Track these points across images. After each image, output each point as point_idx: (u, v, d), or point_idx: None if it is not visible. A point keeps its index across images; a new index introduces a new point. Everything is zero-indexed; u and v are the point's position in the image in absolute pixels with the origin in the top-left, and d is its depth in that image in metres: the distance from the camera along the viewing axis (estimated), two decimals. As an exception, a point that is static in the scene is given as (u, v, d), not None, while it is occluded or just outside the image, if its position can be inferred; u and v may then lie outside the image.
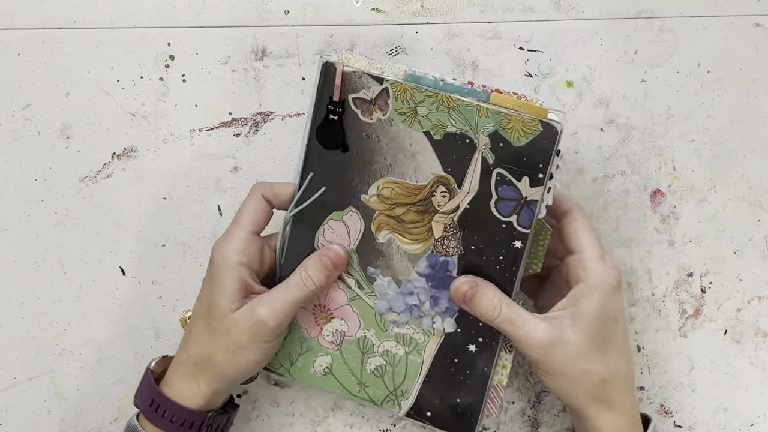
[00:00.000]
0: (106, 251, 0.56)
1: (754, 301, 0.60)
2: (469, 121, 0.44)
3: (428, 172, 0.45)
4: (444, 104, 0.44)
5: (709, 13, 0.57)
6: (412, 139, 0.45)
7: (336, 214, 0.47)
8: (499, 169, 0.44)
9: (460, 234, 0.46)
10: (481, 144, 0.44)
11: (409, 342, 0.49)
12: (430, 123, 0.44)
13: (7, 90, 0.54)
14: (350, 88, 0.45)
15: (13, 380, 0.56)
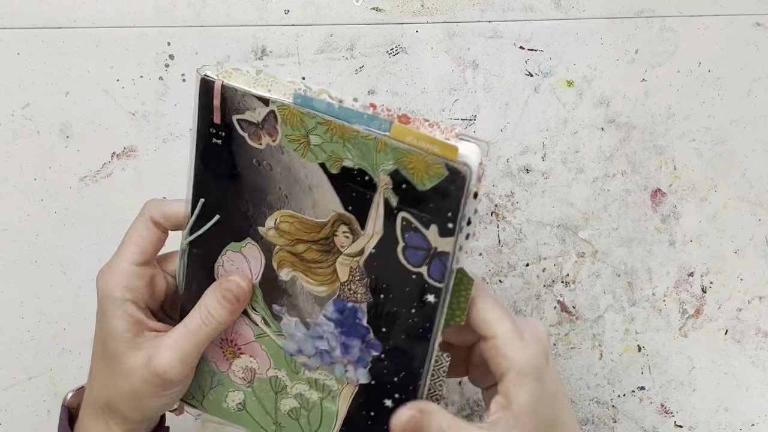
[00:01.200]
0: (106, 251, 0.56)
1: (754, 301, 0.60)
2: (366, 156, 0.37)
3: (328, 208, 0.39)
4: (337, 134, 0.37)
5: (709, 13, 0.57)
6: (306, 170, 0.38)
7: (234, 245, 0.42)
8: (404, 213, 0.37)
9: (367, 280, 0.40)
10: (382, 184, 0.37)
11: (322, 388, 0.44)
12: (324, 154, 0.37)
13: (7, 89, 0.54)
14: (234, 108, 0.38)
15: (13, 380, 0.56)
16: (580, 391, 0.59)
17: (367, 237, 0.39)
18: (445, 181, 0.36)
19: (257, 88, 0.38)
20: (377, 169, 0.37)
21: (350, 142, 0.37)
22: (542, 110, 0.57)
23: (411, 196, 0.37)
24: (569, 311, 0.59)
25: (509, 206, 0.57)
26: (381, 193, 0.38)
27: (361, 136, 0.36)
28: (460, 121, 0.57)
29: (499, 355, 0.38)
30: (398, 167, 0.36)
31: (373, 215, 0.38)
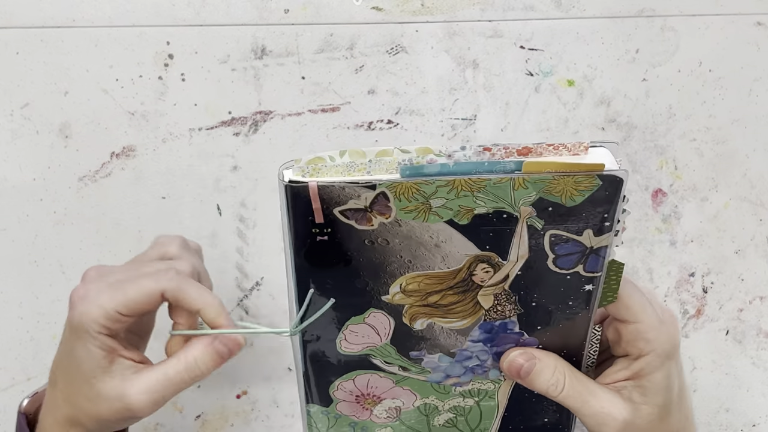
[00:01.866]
0: (106, 251, 0.56)
1: (756, 301, 0.60)
2: (502, 198, 0.35)
3: (461, 255, 0.37)
4: (465, 189, 0.34)
5: (710, 12, 0.57)
6: (431, 231, 0.36)
7: (355, 318, 0.39)
8: (552, 231, 0.36)
9: (515, 297, 0.39)
10: (524, 215, 0.36)
11: (478, 393, 0.43)
12: (450, 211, 0.35)
13: (6, 89, 0.54)
14: (334, 202, 0.35)
15: (12, 380, 0.56)
16: (580, 391, 0.59)
17: (511, 264, 0.37)
18: (599, 190, 0.35)
19: (354, 174, 0.34)
20: (517, 205, 0.35)
21: (481, 192, 0.34)
22: (543, 110, 0.57)
23: (558, 214, 0.36)
24: (570, 311, 0.59)
25: (510, 206, 0.57)
26: (524, 222, 0.36)
27: (493, 183, 0.34)
28: (461, 121, 0.57)
29: (639, 338, 0.39)
30: (541, 195, 0.35)
31: (516, 243, 0.37)
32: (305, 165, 0.34)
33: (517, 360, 0.40)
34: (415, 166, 0.34)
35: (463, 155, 0.34)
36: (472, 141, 0.34)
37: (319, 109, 0.55)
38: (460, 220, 0.35)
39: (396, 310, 0.39)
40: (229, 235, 0.56)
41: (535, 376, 0.40)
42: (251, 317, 0.57)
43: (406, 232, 0.36)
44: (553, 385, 0.40)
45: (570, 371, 0.40)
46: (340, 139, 0.56)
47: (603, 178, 0.34)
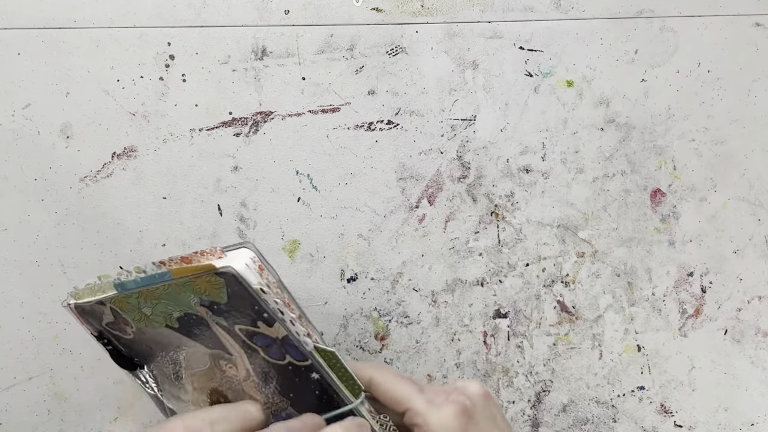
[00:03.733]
0: (107, 251, 0.56)
1: (754, 301, 0.60)
2: (179, 301, 0.41)
3: (201, 355, 0.43)
4: (152, 297, 0.41)
5: (709, 13, 0.57)
6: (164, 336, 0.43)
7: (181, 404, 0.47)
8: (238, 326, 0.40)
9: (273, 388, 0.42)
10: (205, 314, 0.41)
11: None
12: (160, 317, 0.42)
13: (7, 89, 0.54)
14: (98, 318, 0.44)
15: (13, 380, 0.56)
16: (579, 391, 0.59)
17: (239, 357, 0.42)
18: (229, 286, 0.39)
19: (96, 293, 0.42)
20: (193, 306, 0.41)
21: (163, 298, 0.41)
22: (542, 110, 0.57)
23: (225, 311, 0.40)
24: (569, 311, 0.59)
25: (509, 206, 0.57)
26: (211, 321, 0.41)
27: (164, 290, 0.40)
28: (461, 121, 0.57)
29: (413, 422, 0.40)
30: (199, 296, 0.40)
31: (223, 341, 0.42)
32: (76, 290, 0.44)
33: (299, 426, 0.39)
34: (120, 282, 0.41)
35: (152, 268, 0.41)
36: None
37: (319, 110, 0.56)
38: (172, 324, 0.42)
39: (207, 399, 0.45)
40: (229, 235, 0.56)
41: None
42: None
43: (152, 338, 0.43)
44: None
45: None
46: (341, 139, 0.56)
47: (221, 275, 0.39)
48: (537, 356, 0.58)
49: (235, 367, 0.42)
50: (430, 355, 0.58)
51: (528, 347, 0.58)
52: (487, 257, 0.58)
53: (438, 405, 0.40)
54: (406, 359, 0.58)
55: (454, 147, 0.57)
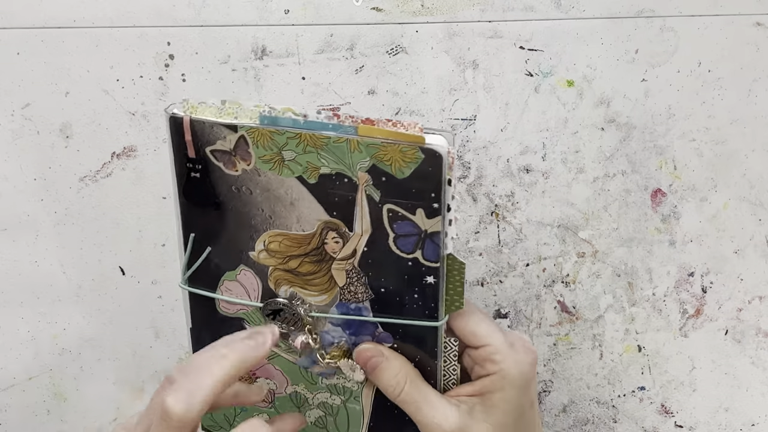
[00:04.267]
0: (106, 251, 0.56)
1: (755, 301, 0.60)
2: (342, 159, 0.38)
3: (312, 219, 0.40)
4: (310, 144, 0.38)
5: (709, 13, 0.57)
6: (285, 186, 0.39)
7: (229, 274, 0.42)
8: (389, 205, 0.39)
9: (365, 278, 0.41)
10: (362, 181, 0.38)
11: (343, 391, 0.45)
12: (300, 167, 0.39)
13: (7, 89, 0.54)
14: (206, 141, 0.39)
15: (13, 380, 0.56)
16: (580, 391, 0.59)
17: (357, 237, 0.40)
18: (423, 164, 0.37)
19: (224, 117, 0.39)
20: (354, 169, 0.38)
21: (323, 150, 0.38)
22: (542, 110, 0.57)
23: (392, 186, 0.38)
24: (569, 311, 0.59)
25: (509, 206, 0.57)
26: (362, 191, 0.38)
27: (333, 141, 0.37)
28: (461, 121, 0.57)
29: (488, 359, 0.40)
30: (374, 162, 0.38)
31: (358, 214, 0.39)
32: (187, 103, 0.40)
33: (365, 353, 0.41)
34: (272, 117, 0.38)
35: (316, 117, 0.38)
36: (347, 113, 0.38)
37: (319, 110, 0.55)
38: (309, 177, 0.39)
39: (262, 271, 0.41)
40: (229, 235, 0.56)
41: (379, 373, 0.41)
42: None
43: (265, 184, 0.39)
44: (392, 386, 0.41)
45: (413, 377, 0.41)
46: (341, 139, 0.56)
47: (424, 152, 0.37)
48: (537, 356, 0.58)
49: (344, 243, 0.40)
50: (430, 356, 0.58)
51: (528, 347, 0.58)
52: (487, 257, 0.58)
53: (516, 350, 0.41)
54: (406, 359, 0.58)
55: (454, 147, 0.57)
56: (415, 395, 0.41)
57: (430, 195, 0.38)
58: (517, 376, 0.40)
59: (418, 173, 0.37)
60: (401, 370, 0.41)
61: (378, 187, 0.38)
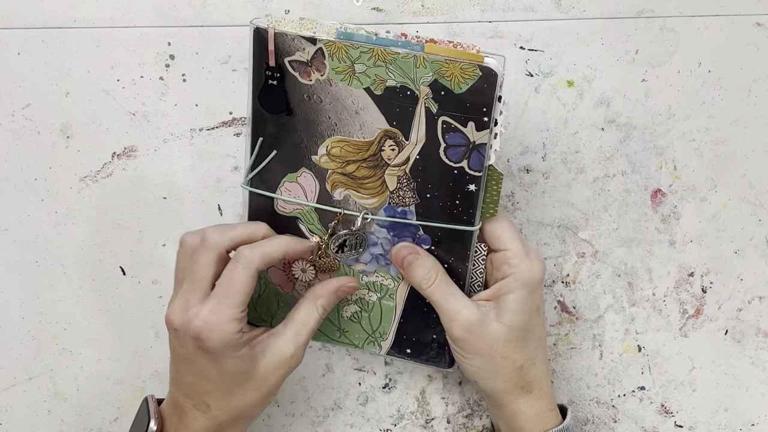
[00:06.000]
0: (106, 251, 0.56)
1: (755, 301, 0.60)
2: (407, 73, 0.43)
3: (374, 127, 0.45)
4: (380, 58, 0.43)
5: (709, 13, 0.57)
6: (353, 96, 0.45)
7: (290, 176, 0.48)
8: (444, 117, 0.44)
9: (414, 184, 0.46)
10: (423, 94, 0.44)
11: (380, 288, 0.50)
12: (369, 79, 0.44)
13: (7, 89, 0.54)
14: (285, 52, 0.44)
15: (13, 380, 0.56)
16: (580, 391, 0.59)
17: (412, 145, 0.45)
18: (480, 81, 0.43)
19: (304, 30, 0.44)
20: (417, 83, 0.43)
21: (392, 64, 0.43)
22: (542, 110, 0.57)
23: (449, 100, 0.43)
24: (569, 311, 0.59)
25: (509, 206, 0.57)
26: (422, 103, 0.44)
27: (401, 57, 0.43)
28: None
29: (505, 263, 0.47)
30: (436, 77, 0.43)
31: (416, 124, 0.45)
32: (271, 18, 0.44)
33: (402, 251, 0.47)
34: (348, 33, 0.44)
35: (386, 35, 0.44)
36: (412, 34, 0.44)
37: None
38: (376, 89, 0.44)
39: (321, 174, 0.47)
40: (229, 235, 0.56)
41: (413, 269, 0.47)
42: (252, 317, 0.57)
43: (335, 94, 0.45)
44: (425, 279, 0.47)
45: (443, 274, 0.47)
46: (341, 139, 0.56)
47: (482, 69, 0.43)
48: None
49: (399, 150, 0.45)
50: (431, 356, 0.58)
51: (528, 347, 0.58)
52: (488, 257, 0.58)
53: (531, 257, 0.47)
54: (406, 359, 0.58)
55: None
56: (443, 287, 0.47)
57: (482, 109, 0.43)
58: (528, 279, 0.47)
59: (474, 89, 0.43)
60: (433, 266, 0.47)
61: (436, 100, 0.44)
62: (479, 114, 0.44)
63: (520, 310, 0.47)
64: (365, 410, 0.58)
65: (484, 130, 0.44)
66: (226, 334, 0.43)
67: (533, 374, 0.48)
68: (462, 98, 0.43)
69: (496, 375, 0.48)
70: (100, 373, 0.57)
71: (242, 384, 0.45)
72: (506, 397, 0.48)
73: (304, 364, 0.57)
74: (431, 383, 0.58)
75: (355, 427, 0.58)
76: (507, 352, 0.47)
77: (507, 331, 0.47)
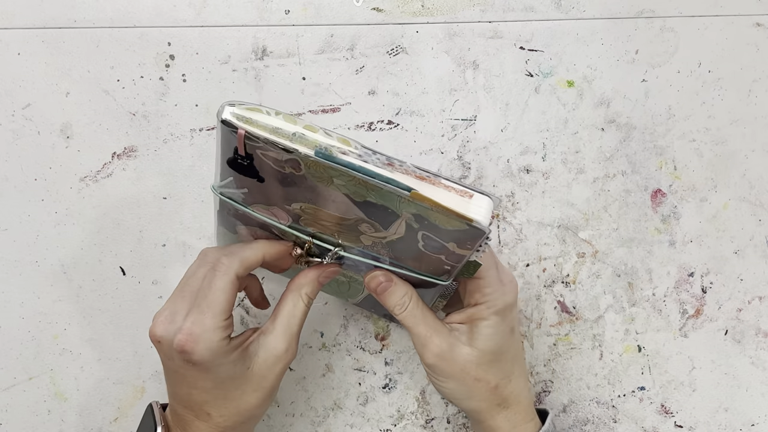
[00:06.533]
0: (106, 251, 0.56)
1: (755, 301, 0.60)
2: (390, 202, 0.40)
3: (351, 213, 0.42)
4: (362, 184, 0.39)
5: (709, 13, 0.57)
6: (331, 194, 0.41)
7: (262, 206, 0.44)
8: (425, 232, 0.42)
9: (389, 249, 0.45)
10: (404, 217, 0.41)
11: (350, 278, 0.50)
12: (348, 190, 0.40)
13: (7, 89, 0.54)
14: (256, 147, 0.39)
15: (13, 380, 0.56)
16: (580, 391, 0.59)
17: (390, 234, 0.43)
18: (466, 230, 0.40)
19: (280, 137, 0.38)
20: (400, 210, 0.40)
21: (374, 191, 0.39)
22: (542, 110, 0.57)
23: (432, 227, 0.41)
24: (569, 311, 0.59)
25: (509, 206, 0.57)
26: (403, 220, 0.41)
27: (385, 191, 0.39)
28: (461, 121, 0.57)
29: (478, 291, 0.47)
30: (421, 214, 0.40)
31: (395, 225, 0.42)
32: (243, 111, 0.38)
33: (376, 279, 0.47)
34: (328, 154, 0.38)
35: (372, 160, 0.39)
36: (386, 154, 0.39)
37: (319, 110, 0.56)
38: (355, 197, 0.41)
39: (294, 215, 0.44)
40: (229, 235, 0.56)
41: (387, 296, 0.47)
42: (252, 317, 0.57)
43: (311, 185, 0.41)
44: (398, 305, 0.47)
45: (416, 299, 0.47)
46: (341, 139, 0.56)
47: (470, 226, 0.40)
48: (537, 356, 0.58)
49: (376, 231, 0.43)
50: (431, 356, 0.58)
51: (528, 347, 0.58)
52: (488, 257, 0.58)
53: (504, 283, 0.47)
54: (406, 359, 0.58)
55: (454, 147, 0.57)
56: (416, 312, 0.47)
57: (466, 242, 0.41)
58: (501, 307, 0.47)
59: (460, 232, 0.40)
60: (407, 293, 0.47)
61: (418, 222, 0.41)
62: (462, 241, 0.41)
63: (493, 334, 0.47)
64: (365, 410, 0.58)
65: (466, 250, 0.42)
66: (211, 344, 0.42)
67: (509, 391, 0.48)
68: (446, 231, 0.41)
69: (471, 396, 0.48)
70: (100, 373, 0.57)
71: (239, 387, 0.45)
72: (483, 414, 0.48)
73: (304, 364, 0.57)
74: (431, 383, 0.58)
75: (355, 427, 0.58)
76: (480, 375, 0.47)
77: (479, 354, 0.47)
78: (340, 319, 0.57)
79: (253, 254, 0.45)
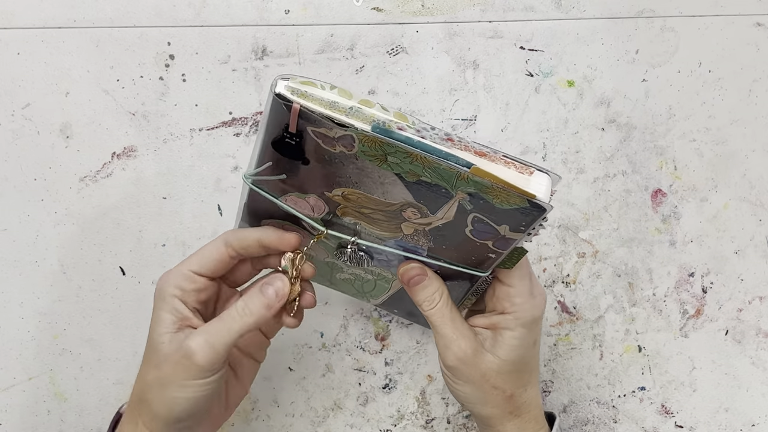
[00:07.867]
0: (106, 251, 0.56)
1: (755, 302, 0.60)
2: (446, 179, 0.38)
3: (398, 196, 0.40)
4: (418, 161, 0.37)
5: (710, 13, 0.57)
6: (381, 174, 0.39)
7: (299, 194, 0.42)
8: (477, 215, 0.40)
9: (431, 237, 0.43)
10: (459, 197, 0.39)
11: (378, 275, 0.49)
12: (401, 169, 0.38)
13: (7, 89, 0.54)
14: (309, 122, 0.37)
15: (13, 380, 0.56)
16: (580, 391, 0.59)
17: (436, 219, 0.41)
18: (525, 208, 0.38)
19: (335, 112, 0.36)
20: (455, 188, 0.38)
21: (430, 168, 0.37)
22: (543, 110, 0.57)
23: (487, 208, 0.39)
24: (570, 311, 0.59)
25: (510, 206, 0.57)
26: (456, 201, 0.39)
27: (443, 167, 0.37)
28: (461, 121, 0.57)
29: (507, 299, 0.46)
30: (478, 192, 0.38)
31: (445, 208, 0.40)
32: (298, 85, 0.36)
33: (411, 271, 0.46)
34: (386, 129, 0.36)
35: (430, 135, 0.37)
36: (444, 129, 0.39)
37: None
38: (407, 177, 0.38)
39: (333, 203, 0.42)
40: (229, 235, 0.56)
41: (418, 290, 0.46)
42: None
43: (360, 166, 0.39)
44: (428, 301, 0.46)
45: (446, 297, 0.46)
46: (341, 139, 0.56)
47: (531, 204, 0.38)
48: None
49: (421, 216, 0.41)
50: (431, 356, 0.58)
51: (528, 347, 0.58)
52: (488, 257, 0.58)
53: (534, 296, 0.46)
54: (406, 359, 0.58)
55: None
56: (445, 311, 0.46)
57: (521, 223, 0.39)
58: (528, 320, 0.46)
59: (518, 212, 0.38)
60: (438, 289, 0.46)
61: (473, 203, 0.39)
62: (516, 223, 0.40)
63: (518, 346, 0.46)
64: (365, 410, 0.58)
65: (519, 233, 0.40)
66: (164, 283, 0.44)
67: (523, 400, 0.48)
68: (502, 212, 0.39)
69: (485, 402, 0.47)
70: (100, 373, 0.57)
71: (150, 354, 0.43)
72: (493, 420, 0.48)
73: (304, 364, 0.57)
74: (431, 383, 0.58)
75: (355, 427, 0.58)
76: (499, 383, 0.46)
77: (501, 363, 0.46)
78: (340, 319, 0.57)
79: (249, 235, 0.45)
